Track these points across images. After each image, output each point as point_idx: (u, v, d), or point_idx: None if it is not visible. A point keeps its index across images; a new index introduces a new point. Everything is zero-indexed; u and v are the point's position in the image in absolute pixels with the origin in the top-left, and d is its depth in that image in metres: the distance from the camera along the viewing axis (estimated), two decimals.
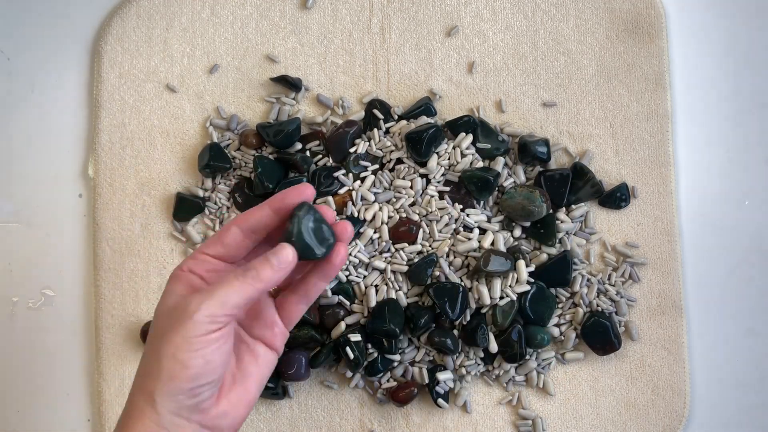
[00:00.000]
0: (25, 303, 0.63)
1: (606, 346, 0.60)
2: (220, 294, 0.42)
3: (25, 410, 0.63)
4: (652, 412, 0.61)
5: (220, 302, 0.42)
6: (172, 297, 0.44)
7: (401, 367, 0.61)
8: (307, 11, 0.64)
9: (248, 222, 0.45)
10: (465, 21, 0.63)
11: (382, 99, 0.63)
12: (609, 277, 0.61)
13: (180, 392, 0.41)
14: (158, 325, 0.43)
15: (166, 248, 0.63)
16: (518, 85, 0.63)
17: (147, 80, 0.63)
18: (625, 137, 0.62)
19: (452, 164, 0.61)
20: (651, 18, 0.63)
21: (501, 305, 0.59)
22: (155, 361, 0.42)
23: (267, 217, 0.45)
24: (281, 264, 0.43)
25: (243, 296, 0.42)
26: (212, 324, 0.41)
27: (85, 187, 0.64)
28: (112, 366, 0.62)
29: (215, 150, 0.61)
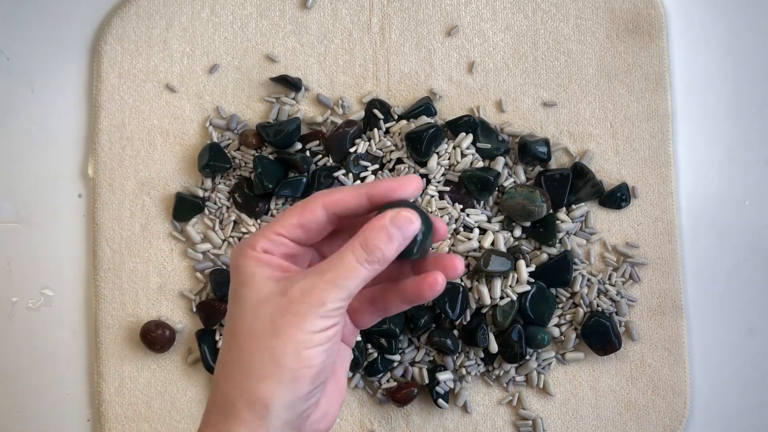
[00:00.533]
0: (24, 303, 0.63)
1: (606, 347, 0.60)
2: (344, 283, 0.36)
3: (24, 410, 0.63)
4: (652, 412, 0.61)
5: (347, 291, 0.36)
6: (262, 283, 0.37)
7: (401, 368, 0.61)
8: (307, 11, 0.63)
9: (338, 206, 0.38)
10: (465, 21, 0.63)
11: (382, 99, 0.63)
12: (609, 277, 0.61)
13: (300, 397, 0.36)
14: (260, 318, 0.36)
15: (165, 248, 0.62)
16: (518, 84, 0.63)
17: (147, 80, 0.63)
18: (625, 137, 0.62)
19: (452, 164, 0.60)
20: (651, 18, 0.62)
21: (501, 305, 0.59)
22: (270, 362, 0.35)
23: (361, 206, 0.38)
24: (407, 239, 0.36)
25: (365, 280, 0.36)
26: (336, 316, 0.36)
27: (85, 187, 0.64)
28: (112, 366, 0.62)
29: (215, 150, 0.61)
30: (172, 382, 0.62)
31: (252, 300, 0.37)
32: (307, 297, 0.35)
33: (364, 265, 0.36)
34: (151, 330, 0.61)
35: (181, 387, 0.62)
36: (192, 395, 0.62)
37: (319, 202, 0.37)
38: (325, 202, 0.37)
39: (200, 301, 0.62)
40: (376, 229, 0.36)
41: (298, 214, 0.38)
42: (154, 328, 0.61)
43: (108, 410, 0.62)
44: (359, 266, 0.36)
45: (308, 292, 0.35)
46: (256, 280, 0.37)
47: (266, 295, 0.36)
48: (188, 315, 0.62)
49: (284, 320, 0.35)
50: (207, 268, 0.62)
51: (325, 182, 0.60)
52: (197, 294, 0.62)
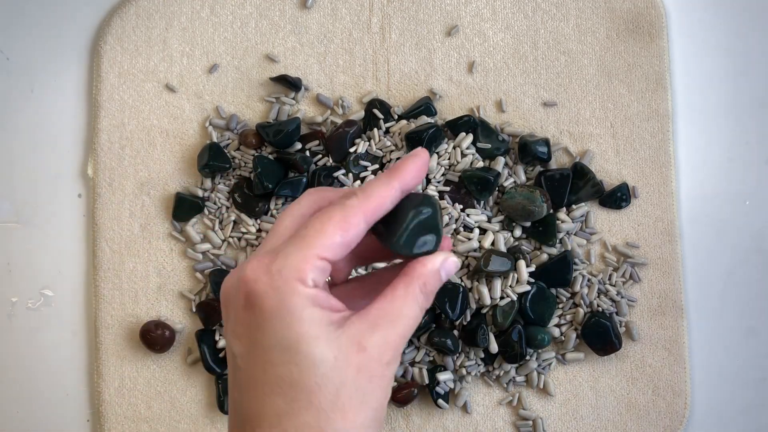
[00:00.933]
0: (24, 303, 0.63)
1: (606, 347, 0.60)
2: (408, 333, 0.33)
3: (24, 410, 0.63)
4: (652, 412, 0.61)
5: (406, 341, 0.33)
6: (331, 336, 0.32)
7: (401, 368, 0.61)
8: (307, 11, 0.63)
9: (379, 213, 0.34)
10: (465, 20, 0.63)
11: (382, 99, 0.63)
12: (609, 278, 0.61)
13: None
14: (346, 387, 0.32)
15: (165, 248, 0.62)
16: (518, 84, 0.63)
17: (146, 80, 0.63)
18: (625, 137, 0.62)
19: (452, 164, 0.60)
20: (652, 17, 0.62)
21: (501, 305, 0.59)
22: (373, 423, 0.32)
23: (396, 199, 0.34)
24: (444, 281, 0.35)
25: None
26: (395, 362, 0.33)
27: (85, 187, 0.64)
28: (112, 366, 0.62)
29: (215, 150, 0.61)
30: (172, 383, 0.62)
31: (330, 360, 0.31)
32: (385, 354, 0.32)
33: (422, 313, 0.34)
34: (151, 330, 0.61)
35: (180, 387, 0.62)
36: (192, 395, 0.62)
37: (361, 215, 0.33)
38: (366, 213, 0.33)
39: (200, 302, 0.62)
40: (433, 273, 0.34)
41: (342, 231, 0.33)
42: (153, 328, 0.61)
43: (108, 410, 0.62)
44: (420, 315, 0.34)
45: (384, 349, 0.32)
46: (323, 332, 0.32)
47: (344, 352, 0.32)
48: (188, 315, 0.62)
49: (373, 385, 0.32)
50: (207, 268, 0.62)
51: (325, 182, 0.60)
52: (197, 294, 0.62)
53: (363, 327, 0.32)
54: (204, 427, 0.62)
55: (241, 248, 0.62)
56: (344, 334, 0.32)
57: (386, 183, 0.34)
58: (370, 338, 0.32)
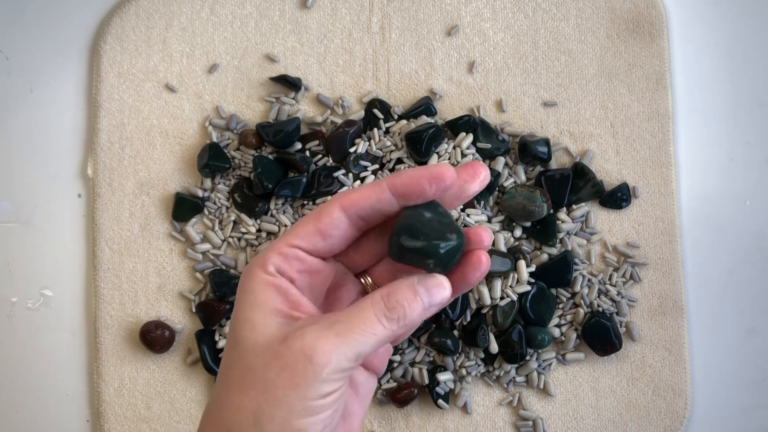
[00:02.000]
0: (23, 303, 0.63)
1: (607, 347, 0.60)
2: (357, 339, 0.30)
3: (24, 411, 0.63)
4: (653, 412, 0.61)
5: (356, 352, 0.30)
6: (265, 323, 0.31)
7: (401, 368, 0.61)
8: (307, 10, 0.63)
9: (358, 205, 0.33)
10: (465, 20, 0.63)
11: (382, 98, 0.63)
12: (610, 278, 0.61)
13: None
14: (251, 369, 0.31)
15: (165, 248, 0.62)
16: (519, 84, 0.63)
17: (146, 80, 0.63)
18: (625, 137, 0.62)
19: (453, 164, 0.60)
20: (652, 17, 0.62)
21: (501, 305, 0.59)
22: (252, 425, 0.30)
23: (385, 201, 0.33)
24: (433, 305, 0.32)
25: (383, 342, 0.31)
26: (341, 379, 0.30)
27: (84, 187, 0.64)
28: (111, 366, 0.62)
29: (214, 150, 0.61)
30: (172, 383, 0.62)
31: (248, 343, 0.31)
32: (309, 350, 0.30)
33: (382, 321, 0.31)
34: (151, 330, 0.61)
35: (180, 387, 0.62)
36: (191, 396, 0.62)
37: (336, 204, 0.33)
38: (343, 203, 0.33)
39: (200, 302, 0.62)
40: (403, 286, 0.32)
41: (315, 220, 0.33)
42: (153, 329, 0.61)
43: (107, 411, 0.62)
44: (377, 322, 0.31)
45: (311, 345, 0.30)
46: (257, 318, 0.32)
47: (266, 340, 0.31)
48: (188, 315, 0.62)
49: (279, 378, 0.30)
50: (206, 268, 0.62)
51: (325, 182, 0.60)
52: (197, 294, 0.62)
53: (304, 322, 0.31)
54: None
55: (241, 248, 0.62)
56: (281, 325, 0.31)
57: (376, 182, 0.33)
58: (299, 331, 0.31)
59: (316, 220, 0.33)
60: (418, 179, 0.32)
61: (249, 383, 0.31)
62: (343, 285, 0.36)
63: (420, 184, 0.32)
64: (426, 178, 0.32)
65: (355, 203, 0.33)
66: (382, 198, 0.33)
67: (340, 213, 0.33)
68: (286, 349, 0.30)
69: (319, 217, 0.33)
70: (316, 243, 0.33)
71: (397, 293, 0.32)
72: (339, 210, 0.33)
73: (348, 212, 0.33)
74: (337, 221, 0.33)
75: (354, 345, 0.30)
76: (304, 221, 0.34)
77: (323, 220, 0.33)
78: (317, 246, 0.33)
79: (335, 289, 0.36)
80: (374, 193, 0.33)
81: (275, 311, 0.32)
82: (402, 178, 0.32)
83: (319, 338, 0.30)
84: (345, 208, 0.33)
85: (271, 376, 0.30)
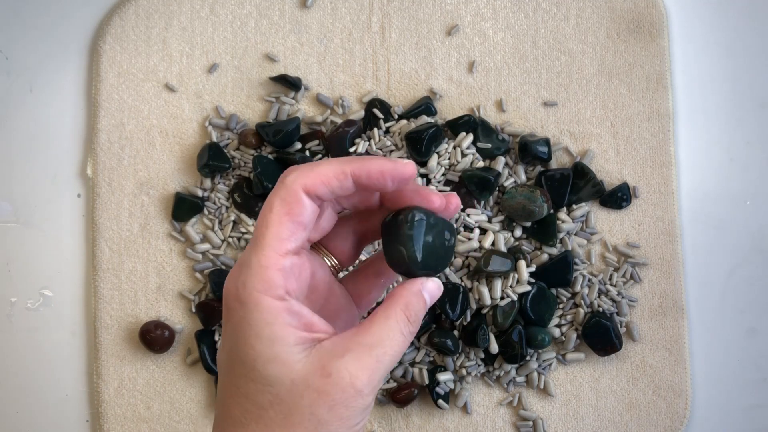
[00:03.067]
0: (23, 303, 0.63)
1: (607, 347, 0.60)
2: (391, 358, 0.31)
3: (23, 411, 0.63)
4: (653, 412, 0.61)
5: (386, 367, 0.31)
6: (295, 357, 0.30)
7: (401, 368, 0.61)
8: (307, 10, 0.63)
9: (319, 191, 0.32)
10: (465, 20, 0.63)
11: (382, 98, 0.63)
12: (610, 278, 0.61)
13: None
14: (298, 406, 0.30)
15: (164, 248, 0.62)
16: (519, 84, 0.63)
17: (146, 80, 0.63)
18: (626, 137, 0.62)
19: (453, 164, 0.60)
20: (652, 17, 0.62)
21: (501, 306, 0.59)
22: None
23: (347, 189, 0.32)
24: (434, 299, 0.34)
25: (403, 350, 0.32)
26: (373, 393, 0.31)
27: (84, 187, 0.64)
28: (111, 366, 0.62)
29: (214, 150, 0.61)
30: (172, 383, 0.62)
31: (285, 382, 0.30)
32: (357, 383, 0.30)
33: (407, 338, 0.32)
34: (151, 330, 0.60)
35: (180, 387, 0.62)
36: (191, 396, 0.62)
37: (299, 189, 0.31)
38: (305, 186, 0.31)
39: (199, 302, 0.62)
40: (413, 296, 0.32)
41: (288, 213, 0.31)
42: (153, 329, 0.60)
43: (107, 411, 0.62)
44: (404, 339, 0.32)
45: (358, 377, 0.30)
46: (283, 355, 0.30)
47: (303, 377, 0.30)
48: (187, 315, 0.62)
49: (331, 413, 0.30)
50: (206, 268, 0.62)
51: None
52: (196, 294, 0.62)
53: (334, 351, 0.30)
54: (203, 428, 0.62)
55: (240, 248, 0.62)
56: (309, 357, 0.30)
57: (338, 162, 0.32)
58: (339, 363, 0.30)
59: (289, 213, 0.31)
60: (382, 174, 0.32)
61: (297, 422, 0.30)
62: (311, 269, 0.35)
63: (383, 180, 0.32)
64: (389, 174, 0.32)
65: (316, 187, 0.32)
66: (344, 185, 0.32)
67: (307, 198, 0.32)
68: (333, 386, 0.30)
69: (291, 209, 0.31)
70: (299, 237, 0.32)
71: (413, 305, 0.32)
72: (305, 196, 0.32)
73: (310, 196, 0.32)
74: (309, 209, 0.32)
75: (389, 364, 0.31)
76: (276, 219, 0.31)
77: (296, 211, 0.31)
78: (300, 241, 0.32)
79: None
80: (337, 179, 0.32)
81: (298, 341, 0.31)
82: (368, 171, 0.32)
83: (363, 369, 0.30)
84: (308, 192, 0.32)
85: (321, 413, 0.30)
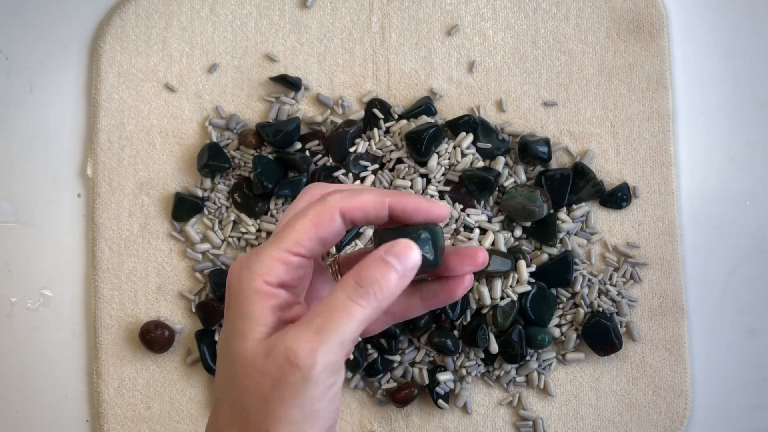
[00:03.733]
0: (23, 303, 0.63)
1: (607, 347, 0.60)
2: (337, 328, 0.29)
3: (23, 411, 0.63)
4: (653, 412, 0.61)
5: (340, 341, 0.29)
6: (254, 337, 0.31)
7: (401, 368, 0.61)
8: (307, 10, 0.63)
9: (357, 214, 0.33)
10: (465, 20, 0.63)
11: (382, 98, 0.63)
12: (610, 278, 0.61)
13: None
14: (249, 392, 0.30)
15: (164, 248, 0.62)
16: (519, 84, 0.63)
17: (146, 80, 0.63)
18: (626, 137, 0.62)
19: (452, 164, 0.60)
20: (652, 17, 0.62)
21: (501, 305, 0.59)
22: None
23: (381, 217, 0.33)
24: (408, 270, 0.31)
25: (365, 323, 0.30)
26: (333, 374, 0.30)
27: (84, 187, 0.64)
28: (111, 367, 0.62)
29: (214, 150, 0.61)
30: (172, 383, 0.62)
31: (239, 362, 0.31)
32: (292, 357, 0.29)
33: (359, 302, 0.30)
34: (151, 330, 0.60)
35: (180, 387, 0.62)
36: (191, 396, 0.62)
37: (336, 210, 0.32)
38: (343, 209, 0.32)
39: (199, 302, 0.62)
40: (371, 260, 0.31)
41: (316, 226, 0.32)
42: (153, 329, 0.60)
43: (107, 411, 0.62)
44: (353, 305, 0.30)
45: (293, 350, 0.29)
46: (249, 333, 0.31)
47: (253, 355, 0.30)
48: (187, 315, 0.62)
49: (275, 393, 0.29)
50: (206, 268, 0.62)
51: (325, 182, 0.60)
52: (197, 294, 0.62)
53: (291, 332, 0.30)
54: (203, 428, 0.62)
55: (240, 248, 0.62)
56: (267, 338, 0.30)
57: (378, 193, 0.33)
58: (278, 340, 0.30)
59: (317, 225, 0.32)
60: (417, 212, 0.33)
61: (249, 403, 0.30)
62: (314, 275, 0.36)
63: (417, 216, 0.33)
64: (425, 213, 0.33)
65: (356, 211, 0.32)
66: (380, 215, 0.33)
67: (340, 219, 0.32)
68: (271, 364, 0.30)
69: (320, 223, 0.32)
70: (314, 249, 0.32)
71: (367, 269, 0.31)
72: (339, 216, 0.32)
73: (346, 218, 0.33)
74: (338, 227, 0.32)
75: (335, 335, 0.29)
76: (301, 223, 0.32)
77: (325, 228, 0.32)
78: (314, 251, 0.33)
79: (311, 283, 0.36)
80: (374, 209, 0.33)
81: (269, 322, 0.31)
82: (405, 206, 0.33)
83: (299, 341, 0.29)
84: (345, 214, 0.32)
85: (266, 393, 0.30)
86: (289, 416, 0.29)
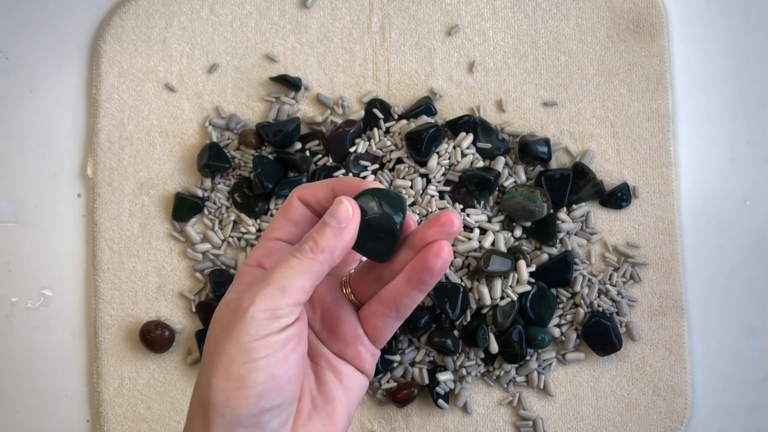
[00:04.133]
0: (23, 303, 0.63)
1: (607, 347, 0.60)
2: (278, 278, 0.33)
3: (24, 411, 0.63)
4: (653, 412, 0.61)
5: (279, 288, 0.33)
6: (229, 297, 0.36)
7: (401, 368, 0.61)
8: (307, 10, 0.63)
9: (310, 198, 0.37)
10: (465, 20, 0.63)
11: (382, 98, 0.63)
12: (610, 278, 0.61)
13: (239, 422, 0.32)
14: (211, 335, 0.34)
15: (165, 248, 0.62)
16: (519, 84, 0.63)
17: (146, 80, 0.63)
18: (626, 137, 0.62)
19: (452, 164, 0.60)
20: (652, 17, 0.62)
21: (501, 305, 0.59)
22: (206, 381, 0.33)
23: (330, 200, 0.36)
24: (341, 221, 0.34)
25: (307, 275, 0.33)
26: (274, 321, 0.32)
27: (84, 187, 0.64)
28: (111, 366, 0.62)
29: (214, 150, 0.61)
30: (172, 383, 0.62)
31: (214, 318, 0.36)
32: (239, 302, 0.33)
33: (296, 256, 0.34)
34: (151, 330, 0.60)
35: (180, 387, 0.62)
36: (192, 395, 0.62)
37: (295, 196, 0.38)
38: (299, 195, 0.37)
39: (200, 302, 0.62)
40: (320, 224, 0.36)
41: (283, 212, 0.38)
42: (153, 329, 0.61)
43: (107, 411, 0.62)
44: (291, 258, 0.34)
45: (241, 297, 0.34)
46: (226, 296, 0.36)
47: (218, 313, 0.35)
48: (188, 315, 0.62)
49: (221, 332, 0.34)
50: (206, 268, 0.62)
51: None
52: (197, 294, 0.62)
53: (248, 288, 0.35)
54: None
55: (240, 248, 0.62)
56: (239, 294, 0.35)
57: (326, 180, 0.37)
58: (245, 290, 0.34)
59: (284, 212, 0.38)
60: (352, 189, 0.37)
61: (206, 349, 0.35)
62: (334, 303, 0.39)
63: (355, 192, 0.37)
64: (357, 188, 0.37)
65: (307, 196, 0.37)
66: (327, 196, 0.37)
67: (298, 203, 0.37)
68: (225, 310, 0.35)
69: (286, 210, 0.38)
70: (291, 231, 0.37)
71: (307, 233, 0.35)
72: (297, 200, 0.37)
73: (303, 202, 0.37)
74: (298, 210, 0.37)
75: (274, 281, 0.33)
76: (275, 217, 0.39)
77: (289, 211, 0.37)
78: (292, 234, 0.38)
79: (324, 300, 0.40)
80: (321, 191, 0.37)
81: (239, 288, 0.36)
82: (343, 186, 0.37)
83: (248, 290, 0.34)
84: (301, 198, 0.38)
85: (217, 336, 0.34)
86: (226, 351, 0.32)
